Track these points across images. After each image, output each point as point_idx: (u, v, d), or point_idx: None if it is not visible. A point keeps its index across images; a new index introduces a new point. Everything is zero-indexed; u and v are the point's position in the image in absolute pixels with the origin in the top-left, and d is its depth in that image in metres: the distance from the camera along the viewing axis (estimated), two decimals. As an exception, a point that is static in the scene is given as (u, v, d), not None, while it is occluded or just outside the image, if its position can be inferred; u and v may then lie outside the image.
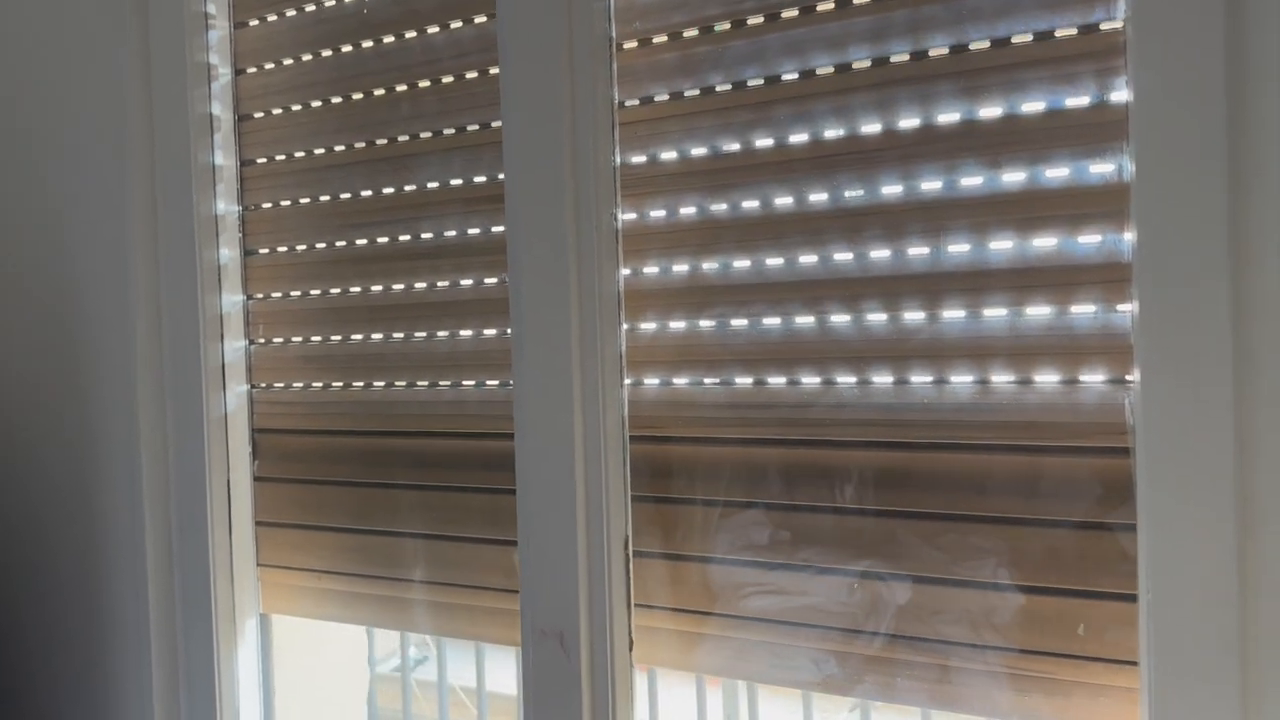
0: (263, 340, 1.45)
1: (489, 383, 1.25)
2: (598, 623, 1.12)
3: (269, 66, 1.42)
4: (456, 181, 1.27)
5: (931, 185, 1.00)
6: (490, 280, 1.24)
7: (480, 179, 1.25)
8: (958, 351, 0.98)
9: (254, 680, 1.46)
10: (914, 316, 1.01)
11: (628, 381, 1.15)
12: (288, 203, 1.42)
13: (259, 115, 1.44)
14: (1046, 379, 0.95)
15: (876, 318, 1.03)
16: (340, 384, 1.38)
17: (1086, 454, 0.93)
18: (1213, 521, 0.84)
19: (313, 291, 1.40)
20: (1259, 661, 0.83)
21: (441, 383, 1.29)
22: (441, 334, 1.29)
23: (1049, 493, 0.95)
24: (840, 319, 1.05)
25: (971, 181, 0.98)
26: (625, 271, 1.15)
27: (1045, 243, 0.95)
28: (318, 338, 1.40)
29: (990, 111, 0.97)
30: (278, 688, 1.50)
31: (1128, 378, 0.91)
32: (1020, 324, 0.96)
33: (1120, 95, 0.91)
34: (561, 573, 1.12)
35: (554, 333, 1.13)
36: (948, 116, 0.99)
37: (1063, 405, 0.94)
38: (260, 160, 1.44)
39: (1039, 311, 0.95)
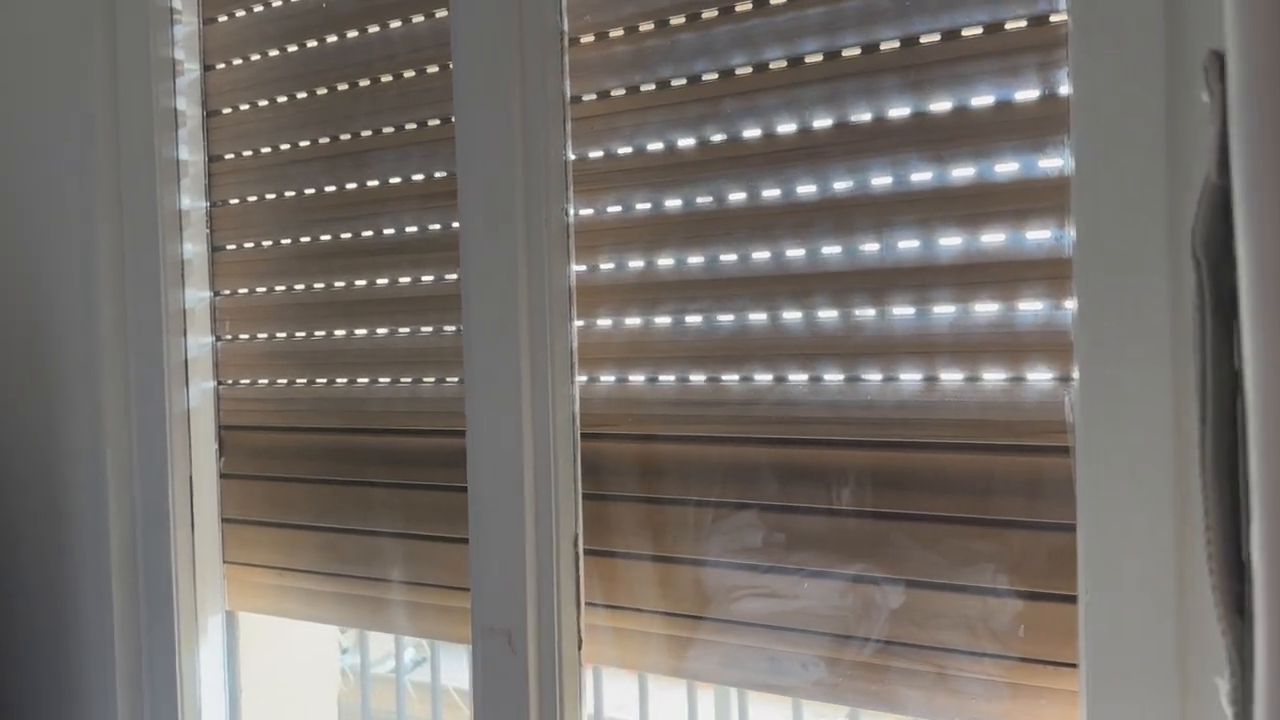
0: (229, 336, 1.45)
1: (449, 379, 1.25)
2: (545, 621, 1.11)
3: (237, 62, 1.42)
4: (417, 176, 1.26)
5: (880, 180, 0.98)
6: (451, 276, 1.24)
7: (441, 174, 1.24)
8: (905, 348, 0.97)
9: (218, 677, 1.46)
10: (863, 313, 1.00)
11: (579, 378, 1.14)
12: (255, 198, 1.42)
13: (227, 111, 1.44)
14: (991, 376, 0.94)
15: (827, 314, 1.02)
16: (305, 380, 1.38)
17: (1028, 453, 0.92)
18: (1151, 521, 0.82)
19: (278, 287, 1.40)
20: (1196, 663, 0.81)
21: (402, 379, 1.29)
22: (403, 330, 1.29)
23: (991, 492, 0.93)
24: (791, 315, 1.03)
25: (919, 176, 0.97)
26: (577, 267, 1.14)
27: (991, 238, 0.94)
28: (283, 334, 1.40)
29: (938, 105, 0.96)
30: (244, 685, 1.50)
31: (1069, 375, 0.89)
32: (965, 320, 0.94)
33: (1065, 89, 0.89)
34: (509, 571, 1.11)
35: (503, 329, 1.12)
36: (897, 110, 0.98)
37: (1005, 403, 0.93)
38: (229, 156, 1.44)
39: (984, 308, 0.94)
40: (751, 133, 1.04)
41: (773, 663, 1.04)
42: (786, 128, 1.03)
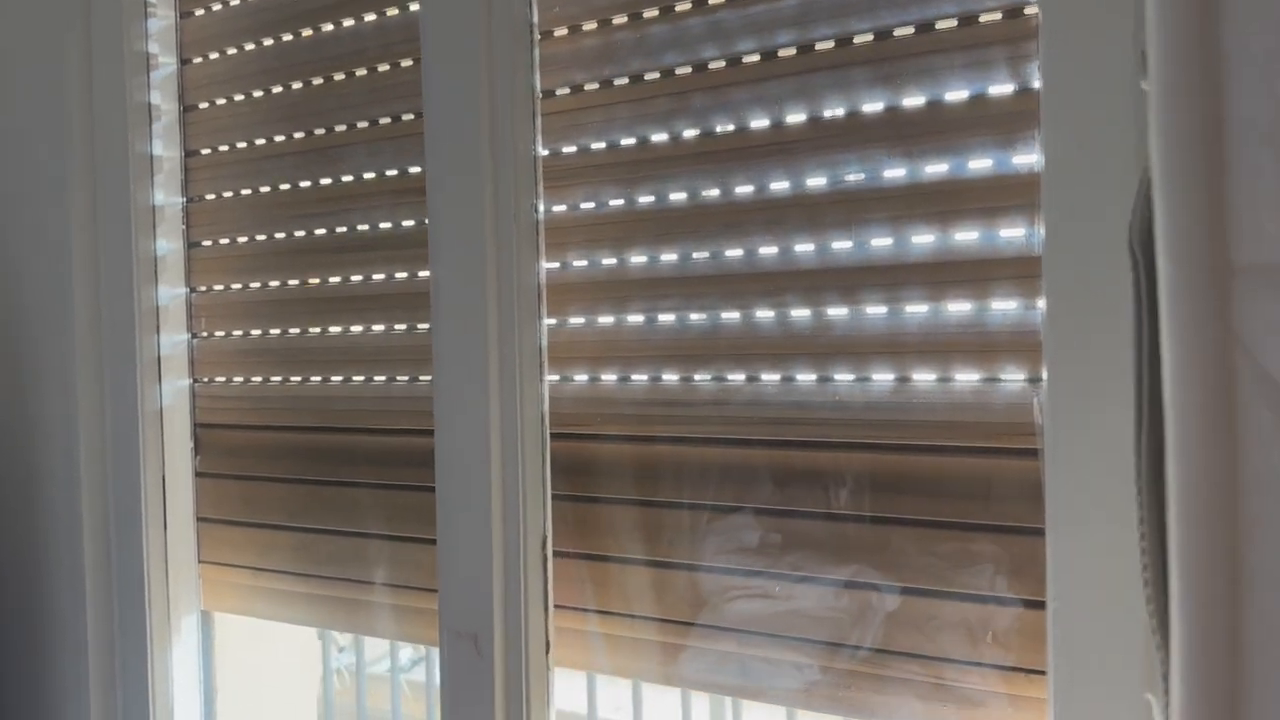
0: (205, 334, 1.44)
1: (422, 378, 1.23)
2: (512, 624, 1.09)
3: (214, 56, 1.41)
4: (391, 172, 1.25)
5: (853, 176, 0.96)
6: (424, 274, 1.22)
7: (414, 169, 1.22)
8: (876, 348, 0.95)
9: (193, 678, 1.44)
10: (835, 312, 0.97)
11: (549, 377, 1.12)
12: (230, 194, 1.40)
13: (204, 106, 1.42)
14: (962, 377, 0.92)
15: (798, 313, 1.00)
16: (279, 378, 1.36)
17: (997, 455, 0.89)
18: (1120, 526, 0.80)
19: (253, 284, 1.38)
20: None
21: (376, 377, 1.27)
22: (377, 328, 1.27)
23: (960, 494, 0.91)
24: (763, 314, 1.01)
25: (891, 172, 0.94)
26: (547, 264, 1.12)
27: (963, 236, 0.91)
28: (258, 331, 1.38)
29: (911, 100, 0.94)
30: (220, 686, 1.48)
31: (1039, 376, 0.87)
32: (936, 320, 0.92)
33: (1036, 83, 0.87)
34: (476, 573, 1.09)
35: (471, 326, 1.10)
36: (869, 105, 0.95)
37: (975, 404, 0.91)
38: (205, 151, 1.43)
39: (956, 307, 0.91)
40: (724, 128, 1.02)
41: (740, 667, 1.02)
42: (759, 123, 1.01)
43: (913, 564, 0.93)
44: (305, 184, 1.33)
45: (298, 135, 1.33)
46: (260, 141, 1.37)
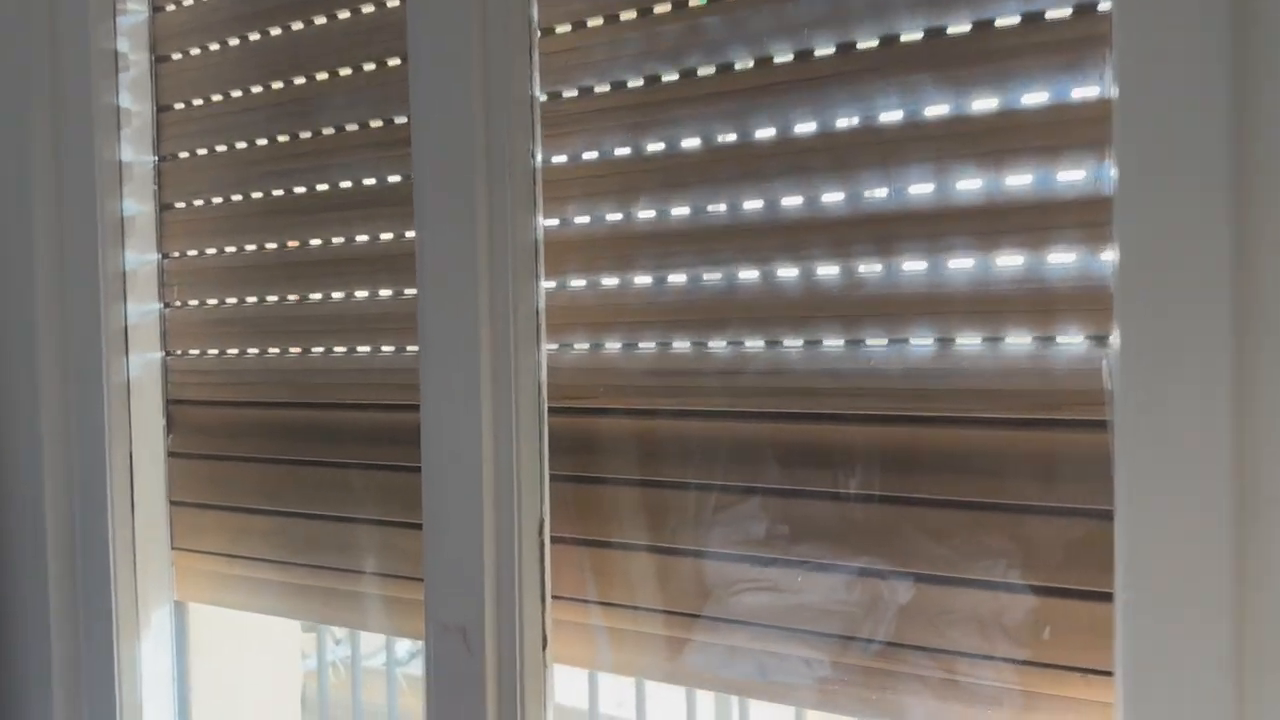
0: (178, 303, 1.33)
1: (409, 347, 1.12)
2: (505, 617, 0.98)
3: (187, 2, 1.30)
4: (375, 123, 1.14)
5: (889, 113, 0.85)
6: (411, 234, 1.11)
7: (401, 119, 1.11)
8: (915, 307, 0.84)
9: (165, 673, 1.34)
10: (868, 267, 0.87)
11: (546, 345, 1.01)
12: (205, 151, 1.29)
13: (177, 56, 1.31)
14: (1015, 339, 0.81)
15: (826, 269, 0.89)
16: (256, 350, 1.26)
17: (1057, 427, 0.78)
18: (1204, 509, 0.69)
19: (229, 248, 1.28)
20: (1258, 675, 0.68)
21: (360, 348, 1.17)
22: (360, 293, 1.16)
23: (1013, 473, 0.80)
24: (785, 271, 0.90)
25: (933, 108, 0.83)
26: (545, 221, 1.01)
27: (1017, 179, 0.80)
28: (234, 299, 1.28)
29: (956, 25, 0.82)
30: (195, 683, 1.38)
31: (1107, 335, 0.76)
32: (986, 274, 0.81)
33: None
34: (465, 561, 0.99)
35: (460, 289, 0.99)
36: (909, 31, 0.84)
37: (1031, 369, 0.80)
38: (178, 105, 1.32)
39: (1008, 259, 0.80)
40: (742, 62, 0.91)
41: (758, 664, 0.91)
42: (782, 55, 0.90)
43: (959, 552, 0.82)
44: (283, 138, 1.22)
45: (276, 85, 1.22)
46: (236, 93, 1.26)
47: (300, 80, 1.19)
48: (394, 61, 1.11)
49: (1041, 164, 0.79)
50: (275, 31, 1.21)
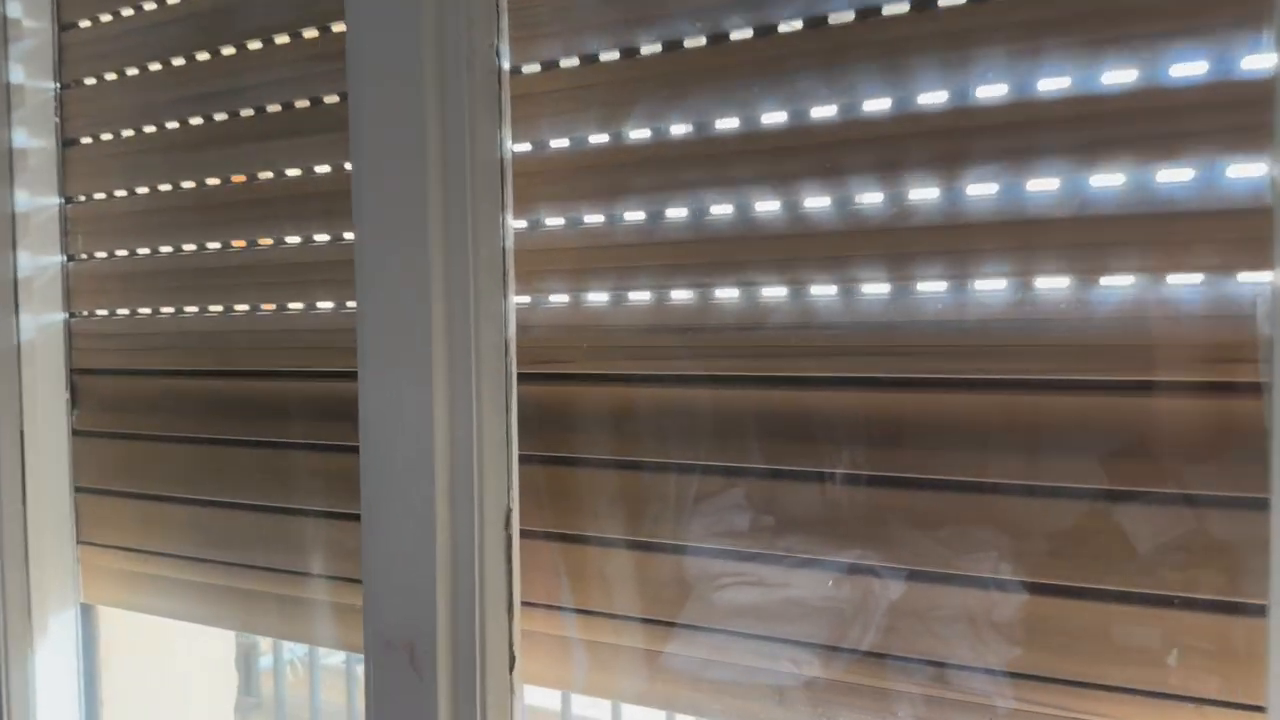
0: (84, 255, 1.13)
1: (351, 303, 0.93)
2: (463, 630, 0.79)
3: (91, -100, 1.09)
4: (310, 33, 0.94)
5: None
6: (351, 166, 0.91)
7: (339, 28, 0.92)
8: (986, 237, 0.66)
9: (69, 686, 1.14)
10: (921, 191, 0.68)
11: (515, 298, 0.82)
12: (114, 76, 1.09)
13: (79, -37, 1.11)
14: (1118, 277, 0.62)
15: (867, 193, 0.70)
16: (172, 309, 1.06)
17: (1185, 392, 0.60)
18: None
19: (140, 189, 1.08)
20: None
21: (291, 305, 0.97)
22: (292, 239, 0.97)
23: (1124, 451, 0.62)
24: (815, 200, 0.72)
25: (1008, -12, 0.65)
26: (514, 145, 0.82)
27: (1117, 74, 0.62)
28: (147, 250, 1.08)
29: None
30: (107, 697, 1.19)
31: (1265, 267, 0.58)
32: (1080, 192, 0.63)
33: None
34: (413, 561, 0.80)
35: (406, 225, 0.80)
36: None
37: (1143, 315, 0.61)
38: (84, 23, 1.11)
39: (1107, 175, 0.62)
40: (760, -58, 0.72)
41: (776, 690, 0.73)
42: (811, -74, 0.71)
43: (1055, 551, 0.64)
44: (203, 55, 1.02)
45: (192, -10, 1.02)
46: (149, 4, 1.05)
47: (222, -16, 0.99)
48: (331, -44, 0.92)
49: (1155, 51, 0.60)
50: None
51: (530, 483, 0.83)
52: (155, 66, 1.05)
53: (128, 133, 1.08)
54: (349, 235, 0.92)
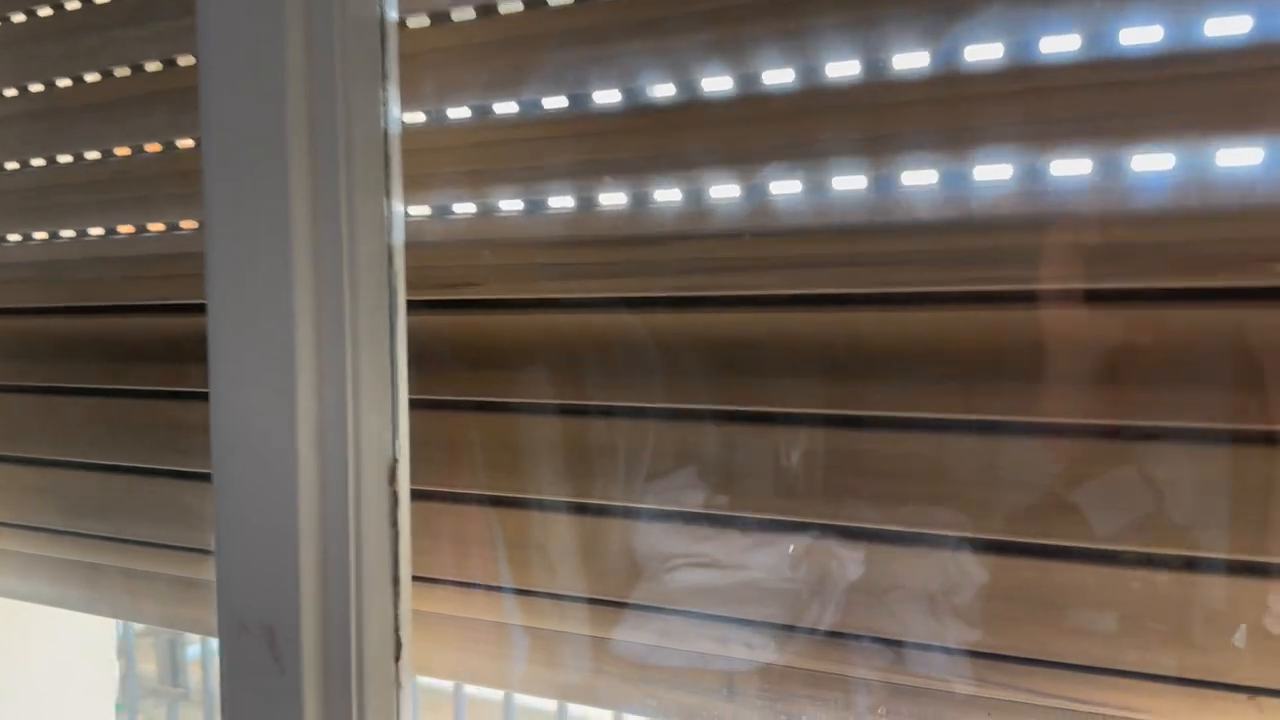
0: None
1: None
2: (335, 611, 0.64)
3: None
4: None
5: None
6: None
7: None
8: (988, 111, 0.52)
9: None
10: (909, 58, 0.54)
11: (400, 207, 0.67)
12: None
13: None
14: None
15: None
16: (20, 237, 0.88)
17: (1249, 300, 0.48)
18: None
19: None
20: None
21: (120, 227, 0.80)
22: (120, 151, 0.80)
23: (1173, 381, 0.50)
24: (776, 70, 0.57)
25: None
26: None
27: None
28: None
29: None
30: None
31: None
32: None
33: None
34: (272, 526, 0.64)
35: (260, 113, 0.63)
36: None
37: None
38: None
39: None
40: None
41: (726, 679, 0.60)
42: None
43: (1108, 516, 0.52)
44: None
45: None
46: None
47: None
48: None
49: None
50: None
51: (423, 432, 0.68)
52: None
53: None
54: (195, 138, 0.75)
